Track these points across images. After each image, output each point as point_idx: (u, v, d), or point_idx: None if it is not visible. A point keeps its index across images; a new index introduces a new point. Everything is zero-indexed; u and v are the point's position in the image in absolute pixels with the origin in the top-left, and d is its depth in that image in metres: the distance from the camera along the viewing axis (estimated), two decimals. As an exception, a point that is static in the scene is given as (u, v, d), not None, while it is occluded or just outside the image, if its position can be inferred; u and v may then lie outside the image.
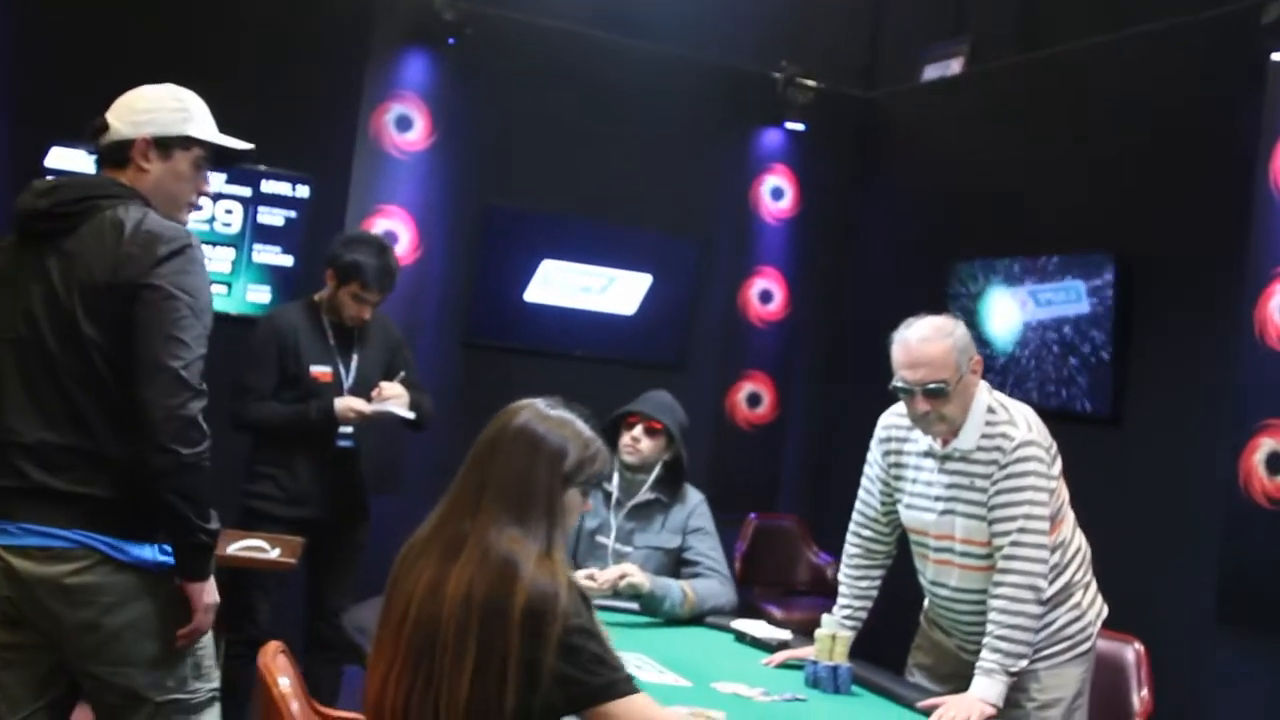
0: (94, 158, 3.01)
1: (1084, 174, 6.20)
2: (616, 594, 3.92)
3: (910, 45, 7.69)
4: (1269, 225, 5.01)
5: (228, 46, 6.33)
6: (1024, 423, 3.47)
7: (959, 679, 3.66)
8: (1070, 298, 5.98)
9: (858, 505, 3.84)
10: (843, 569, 3.84)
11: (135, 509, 2.80)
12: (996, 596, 3.39)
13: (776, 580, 7.01)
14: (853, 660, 3.50)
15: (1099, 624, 3.69)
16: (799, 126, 7.50)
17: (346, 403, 4.68)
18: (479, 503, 2.43)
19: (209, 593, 2.86)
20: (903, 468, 3.68)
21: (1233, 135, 5.33)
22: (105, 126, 2.96)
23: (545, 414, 2.53)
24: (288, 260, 6.30)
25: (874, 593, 3.82)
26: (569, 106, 7.03)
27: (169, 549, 2.83)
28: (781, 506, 7.48)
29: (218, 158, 3.09)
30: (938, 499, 3.56)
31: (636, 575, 3.95)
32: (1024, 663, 3.37)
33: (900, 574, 3.85)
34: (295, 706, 2.22)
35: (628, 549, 4.22)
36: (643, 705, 2.44)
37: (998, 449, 3.43)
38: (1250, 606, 4.98)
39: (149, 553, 2.83)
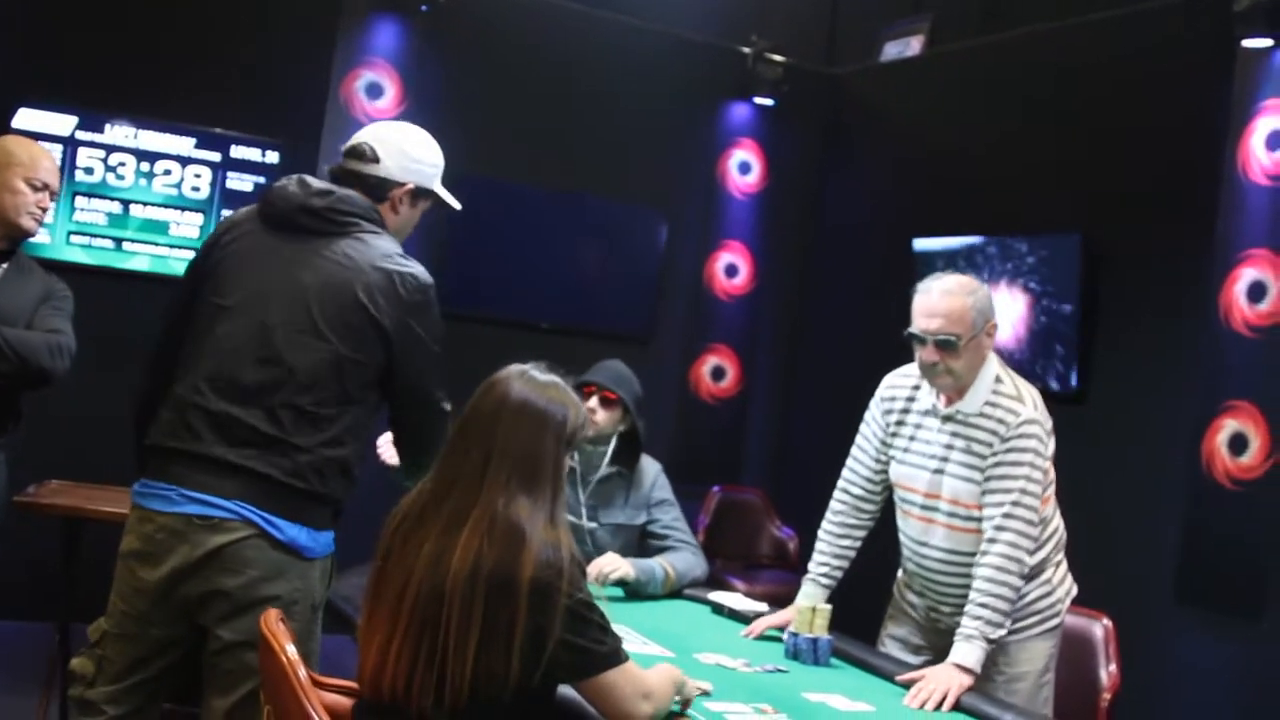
0: (339, 172, 3.15)
1: (1050, 154, 6.24)
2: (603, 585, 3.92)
3: (871, 22, 7.72)
4: (1236, 209, 5.08)
5: (199, 10, 6.28)
6: (1030, 400, 3.54)
7: (932, 650, 3.73)
8: (1036, 277, 6.03)
9: (848, 464, 3.87)
10: (824, 526, 3.86)
11: (298, 494, 2.91)
12: (982, 565, 3.45)
13: (739, 553, 7.05)
14: (832, 633, 3.55)
15: (1068, 601, 3.76)
16: (767, 101, 7.51)
17: None
18: (485, 475, 2.43)
19: None
20: (902, 425, 3.73)
21: (1201, 119, 5.39)
22: (375, 156, 3.13)
23: (540, 381, 2.55)
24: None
25: (852, 554, 3.86)
26: (539, 77, 7.02)
27: (316, 534, 2.96)
28: (745, 480, 7.52)
29: None
30: (932, 457, 3.62)
31: (623, 567, 3.97)
32: (1003, 631, 3.43)
33: (875, 546, 3.89)
34: (303, 674, 2.23)
35: (592, 524, 4.23)
36: (637, 670, 2.52)
37: (1001, 420, 3.50)
38: (1211, 586, 5.06)
39: (302, 535, 2.92)
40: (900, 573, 3.90)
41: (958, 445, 3.57)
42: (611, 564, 3.96)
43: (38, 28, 6.02)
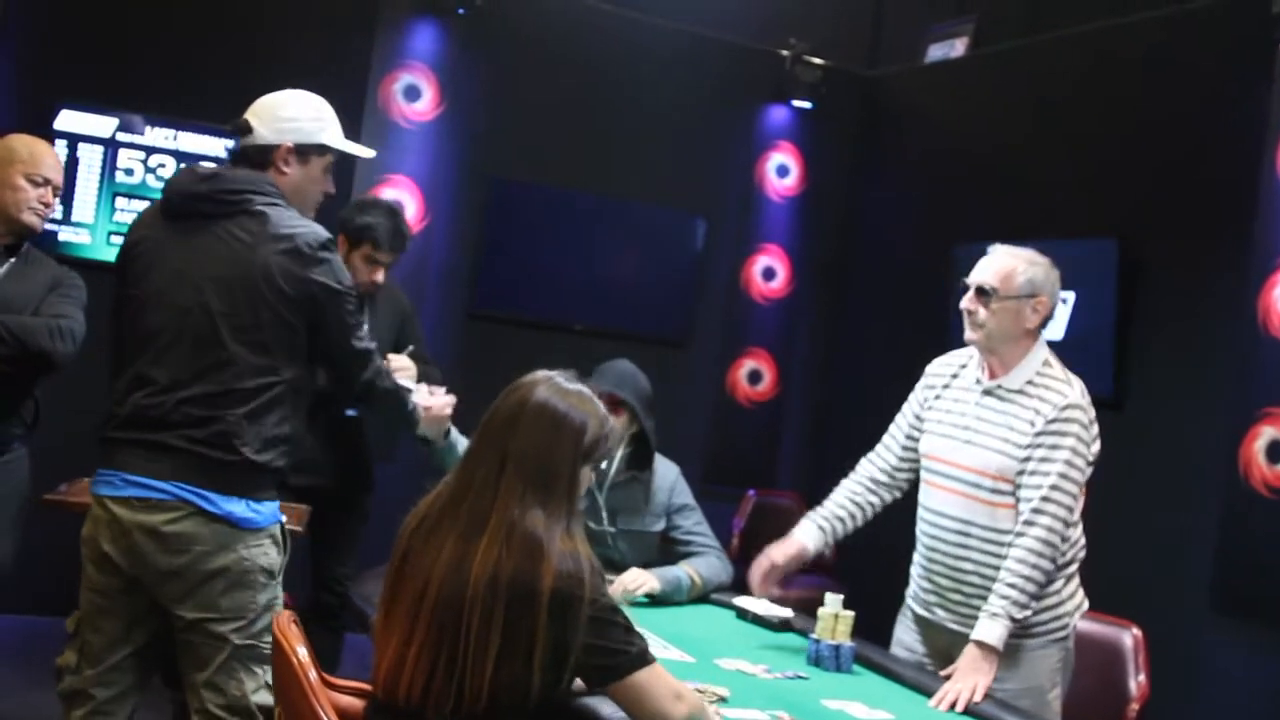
0: (229, 153, 3.29)
1: (1088, 158, 6.20)
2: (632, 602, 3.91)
3: (915, 24, 7.68)
4: (1274, 213, 5.01)
5: (237, 14, 6.33)
6: (1078, 388, 3.54)
7: (940, 657, 3.70)
8: (1073, 282, 5.99)
9: (883, 438, 3.92)
10: (843, 483, 3.90)
11: (233, 467, 3.03)
12: (1016, 546, 3.43)
13: (774, 557, 7.02)
14: (855, 639, 3.53)
15: (1077, 615, 3.68)
16: (805, 104, 7.51)
17: None
18: (500, 479, 2.43)
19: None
20: (940, 399, 3.74)
21: (1240, 122, 5.33)
22: (248, 128, 3.22)
23: (565, 389, 2.54)
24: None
25: (860, 515, 3.87)
26: (577, 80, 7.04)
27: (256, 505, 3.10)
28: (780, 483, 7.51)
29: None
30: (965, 428, 3.62)
31: (649, 582, 3.96)
32: (1028, 613, 3.42)
33: (889, 555, 3.87)
34: (314, 676, 2.24)
35: (611, 529, 4.20)
36: (663, 673, 2.52)
37: (1044, 400, 3.50)
38: (1247, 595, 5.00)
39: (240, 507, 3.05)
40: (911, 581, 3.87)
41: (995, 420, 3.56)
42: (636, 580, 3.94)
43: (79, 31, 6.08)
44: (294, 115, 3.26)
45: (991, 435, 3.56)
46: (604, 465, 4.21)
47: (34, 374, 3.89)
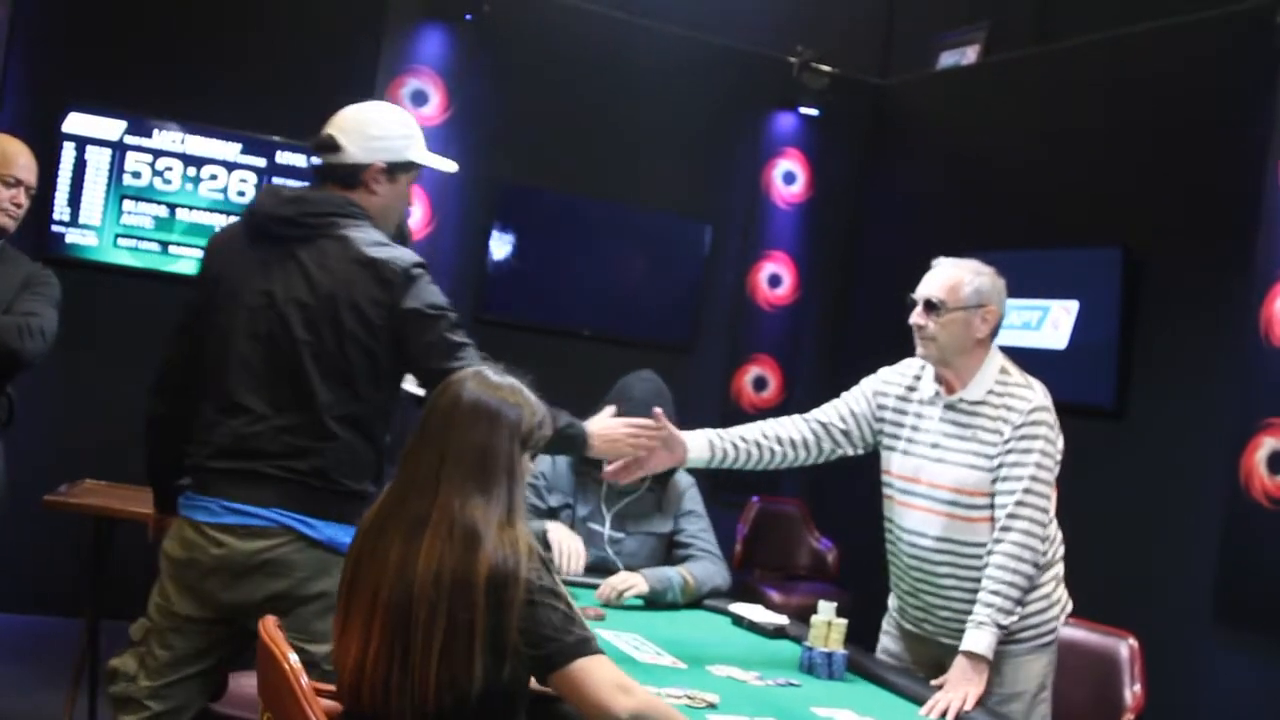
0: (316, 168, 3.17)
1: (1094, 167, 6.20)
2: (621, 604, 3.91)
3: (926, 32, 7.68)
4: (1277, 223, 5.01)
5: (245, 18, 6.35)
6: (1039, 390, 3.54)
7: (922, 668, 3.70)
8: (1077, 291, 5.99)
9: (817, 411, 3.89)
10: (760, 423, 3.86)
11: (329, 493, 3.03)
12: (996, 553, 3.42)
13: (777, 564, 7.05)
14: (848, 647, 3.53)
15: (1063, 617, 3.69)
16: (813, 111, 7.52)
17: None
18: (438, 477, 2.43)
19: None
20: (903, 414, 3.71)
21: (1245, 132, 5.33)
22: (335, 145, 3.11)
23: (494, 383, 2.55)
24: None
25: (766, 454, 3.81)
26: (583, 86, 7.05)
27: (350, 529, 2.98)
28: (784, 490, 7.49)
29: None
30: (934, 446, 3.60)
31: (637, 585, 3.94)
32: (1014, 619, 3.40)
33: (871, 565, 3.86)
34: (305, 682, 2.24)
35: (620, 535, 4.20)
36: (608, 663, 2.46)
37: (1008, 408, 3.49)
38: (1248, 606, 4.99)
39: (339, 533, 3.01)
40: (893, 589, 3.86)
41: (962, 434, 3.55)
42: (625, 581, 3.94)
43: (87, 33, 6.12)
44: (384, 132, 3.18)
45: (961, 450, 3.55)
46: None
47: (4, 372, 3.88)
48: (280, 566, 2.98)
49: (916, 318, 3.59)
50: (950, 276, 3.57)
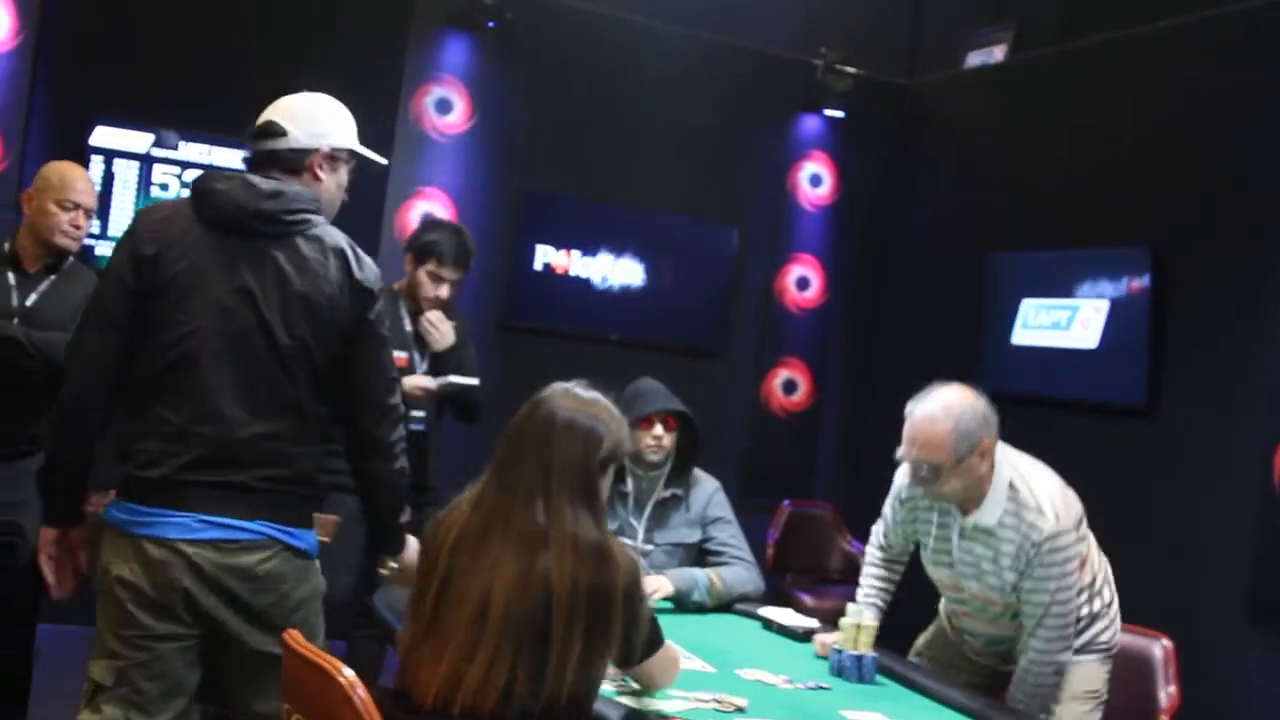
0: (257, 154, 3.04)
1: (1123, 165, 6.15)
2: None
3: (952, 32, 7.66)
4: (1309, 220, 4.99)
5: (268, 28, 6.37)
6: (1050, 509, 3.43)
7: (959, 670, 3.76)
8: (1107, 290, 5.95)
9: (880, 525, 3.92)
10: (865, 565, 3.95)
11: (305, 500, 3.02)
12: (1028, 651, 3.48)
13: (809, 567, 7.02)
14: (878, 650, 3.52)
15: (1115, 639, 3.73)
16: (838, 113, 7.49)
17: (414, 381, 4.71)
18: (547, 493, 2.53)
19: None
20: (928, 525, 3.71)
21: (1274, 127, 5.30)
22: (281, 130, 3.05)
23: (585, 399, 2.65)
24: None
25: (893, 587, 3.93)
26: (607, 91, 7.05)
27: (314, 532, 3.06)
28: (816, 494, 7.49)
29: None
30: (959, 562, 3.61)
31: (662, 587, 3.94)
32: (1053, 706, 3.49)
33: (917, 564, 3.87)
34: (362, 694, 2.25)
35: (649, 547, 4.18)
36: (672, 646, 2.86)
37: (1024, 535, 3.43)
38: (1282, 605, 4.96)
39: (311, 538, 3.03)
40: (943, 603, 3.89)
41: (983, 554, 3.54)
42: (650, 584, 3.93)
43: (113, 48, 6.14)
44: (325, 118, 3.11)
45: (983, 569, 3.55)
46: (647, 485, 4.22)
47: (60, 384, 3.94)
48: (272, 580, 2.91)
49: (919, 482, 3.50)
50: (934, 437, 3.40)
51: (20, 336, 3.87)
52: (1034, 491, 3.46)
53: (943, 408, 3.42)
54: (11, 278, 4.04)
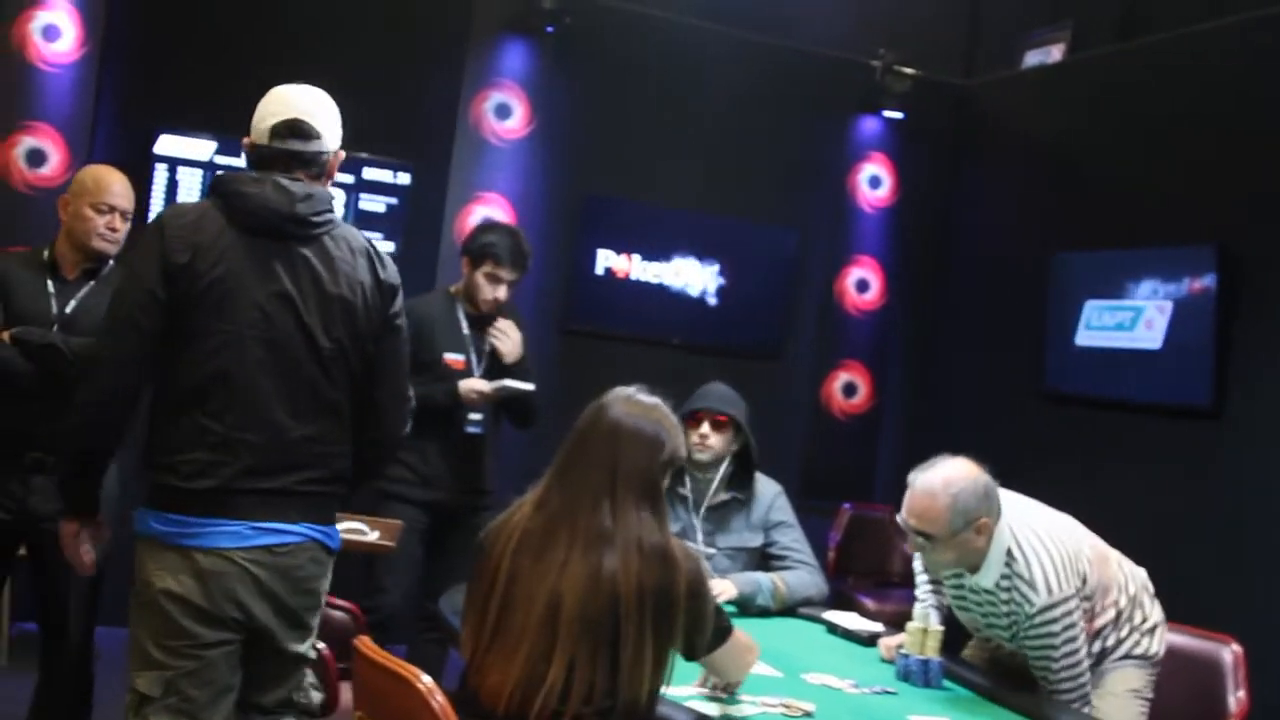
0: (285, 153, 2.98)
1: (1185, 163, 6.09)
2: None
3: (1010, 32, 7.61)
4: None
5: (330, 35, 6.42)
6: (1043, 583, 3.38)
7: (999, 665, 3.73)
8: (1171, 290, 5.90)
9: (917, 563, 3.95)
10: (916, 569, 3.98)
11: (338, 498, 3.06)
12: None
13: (870, 570, 6.98)
14: (944, 654, 3.51)
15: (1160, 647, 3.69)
16: (897, 115, 7.47)
17: (470, 384, 4.74)
18: (614, 496, 2.57)
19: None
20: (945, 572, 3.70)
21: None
22: (315, 133, 3.01)
23: (646, 404, 2.70)
24: (389, 246, 6.37)
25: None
26: (666, 95, 7.06)
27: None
28: (876, 496, 7.45)
29: None
30: (974, 608, 3.61)
31: (726, 591, 3.93)
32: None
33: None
34: (440, 699, 2.27)
35: (710, 551, 4.18)
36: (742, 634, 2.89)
37: (1018, 604, 3.40)
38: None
39: (337, 534, 3.07)
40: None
41: (989, 607, 3.53)
42: (714, 588, 3.93)
43: (177, 56, 6.22)
44: (338, 117, 3.07)
45: (993, 618, 3.54)
46: (704, 487, 4.23)
47: None
48: (312, 581, 2.97)
49: (914, 549, 3.50)
50: (930, 510, 3.37)
51: (60, 344, 3.88)
52: (1029, 563, 3.40)
53: (943, 482, 3.39)
54: (51, 285, 4.03)
